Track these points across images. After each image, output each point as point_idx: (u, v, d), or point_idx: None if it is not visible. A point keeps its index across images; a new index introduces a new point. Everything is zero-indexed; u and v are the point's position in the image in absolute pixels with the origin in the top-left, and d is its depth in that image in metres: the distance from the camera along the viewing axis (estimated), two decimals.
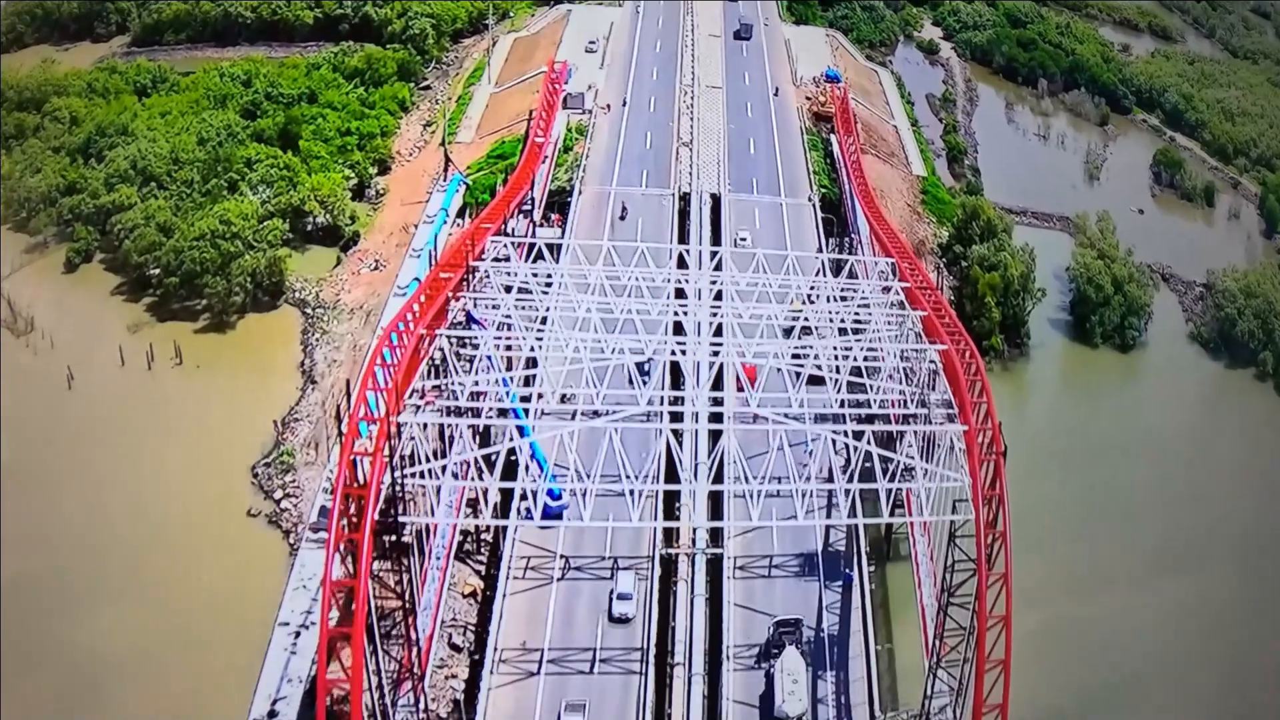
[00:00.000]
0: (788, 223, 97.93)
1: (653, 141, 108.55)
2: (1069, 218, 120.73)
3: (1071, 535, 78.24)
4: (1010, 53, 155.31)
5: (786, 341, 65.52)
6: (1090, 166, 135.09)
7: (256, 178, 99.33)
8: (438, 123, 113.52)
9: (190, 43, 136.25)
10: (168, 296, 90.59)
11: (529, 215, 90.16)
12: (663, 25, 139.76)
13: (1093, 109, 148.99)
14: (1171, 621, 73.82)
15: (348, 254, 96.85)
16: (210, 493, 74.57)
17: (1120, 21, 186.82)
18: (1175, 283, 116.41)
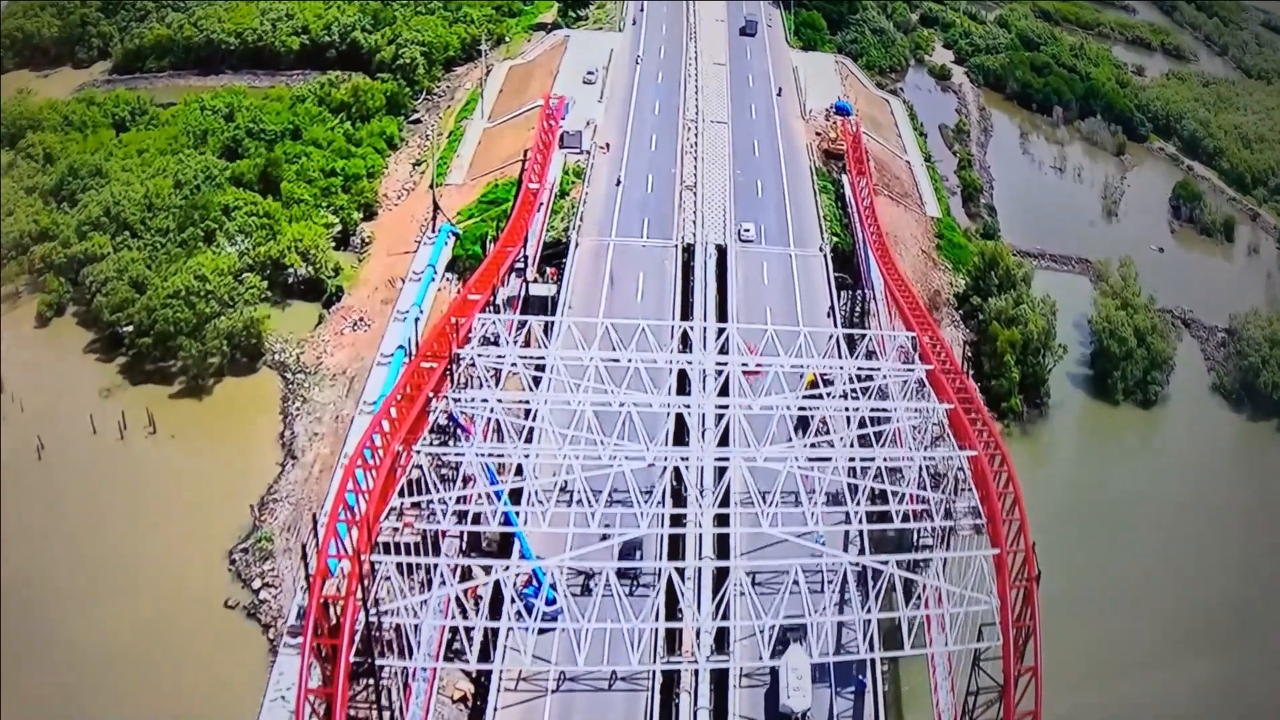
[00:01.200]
0: (798, 277, 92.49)
1: (654, 185, 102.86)
2: (1088, 260, 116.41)
3: (1094, 610, 73.86)
4: (1024, 78, 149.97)
5: (800, 442, 60.67)
6: (1108, 202, 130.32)
7: (234, 227, 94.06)
8: (427, 162, 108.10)
9: (173, 69, 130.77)
10: (141, 357, 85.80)
11: (522, 274, 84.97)
12: (665, 53, 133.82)
13: (1109, 137, 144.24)
14: (1201, 708, 69.52)
15: (330, 311, 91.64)
16: (186, 581, 70.30)
17: (1133, 40, 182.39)
18: (1197, 328, 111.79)
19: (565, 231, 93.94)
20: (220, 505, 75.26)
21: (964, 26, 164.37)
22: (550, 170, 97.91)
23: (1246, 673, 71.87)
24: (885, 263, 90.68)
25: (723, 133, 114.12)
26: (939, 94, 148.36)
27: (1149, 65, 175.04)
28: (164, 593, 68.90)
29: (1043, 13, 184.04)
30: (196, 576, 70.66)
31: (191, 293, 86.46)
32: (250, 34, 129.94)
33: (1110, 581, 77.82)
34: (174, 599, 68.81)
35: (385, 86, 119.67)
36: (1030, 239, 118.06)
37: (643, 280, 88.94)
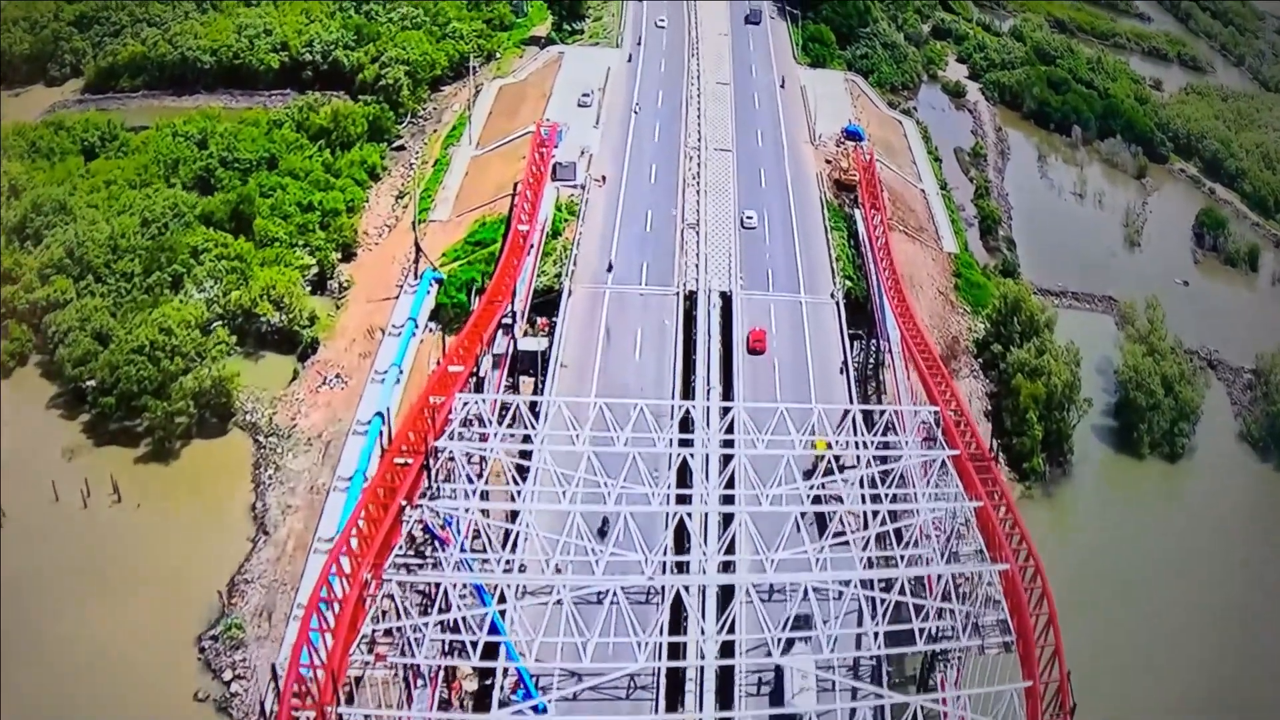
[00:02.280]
0: (808, 327, 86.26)
1: (654, 223, 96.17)
2: (1112, 298, 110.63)
3: (1120, 685, 68.27)
4: (1041, 96, 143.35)
5: (813, 549, 54.65)
6: (1130, 230, 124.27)
7: (203, 272, 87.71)
8: (410, 195, 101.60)
9: (147, 89, 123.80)
10: (105, 416, 79.92)
11: (509, 331, 78.78)
12: (665, 71, 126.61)
13: (1129, 159, 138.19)
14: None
15: (305, 365, 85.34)
16: (152, 670, 65.04)
17: (1149, 52, 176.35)
18: (1223, 370, 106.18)
19: (557, 278, 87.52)
20: (189, 585, 69.99)
21: (978, 39, 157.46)
22: (541, 208, 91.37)
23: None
24: (902, 313, 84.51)
25: (727, 161, 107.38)
26: (953, 113, 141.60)
27: (1166, 78, 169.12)
28: (129, 683, 63.94)
29: (1057, 22, 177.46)
30: (163, 665, 65.73)
31: (156, 347, 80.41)
32: (226, 52, 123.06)
33: (1138, 653, 72.89)
34: (139, 689, 63.81)
35: (367, 110, 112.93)
36: (1051, 275, 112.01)
37: (641, 335, 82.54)
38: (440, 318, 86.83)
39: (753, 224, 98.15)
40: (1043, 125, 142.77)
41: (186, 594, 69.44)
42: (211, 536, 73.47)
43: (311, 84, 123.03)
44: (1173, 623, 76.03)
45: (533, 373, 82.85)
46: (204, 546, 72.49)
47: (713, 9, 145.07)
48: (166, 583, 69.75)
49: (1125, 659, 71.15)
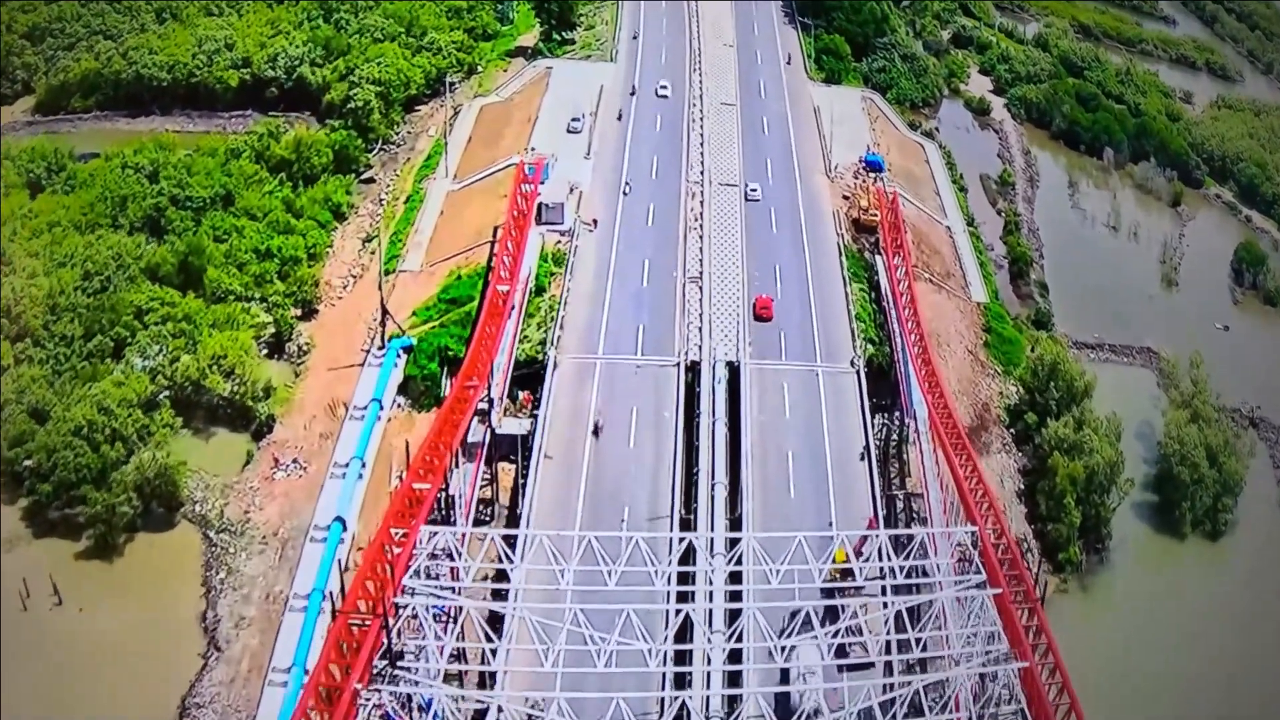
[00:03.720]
0: (826, 403, 76.09)
1: (652, 276, 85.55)
2: (1150, 348, 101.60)
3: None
4: (1071, 115, 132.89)
5: None
6: (1167, 268, 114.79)
7: (147, 338, 77.58)
8: (378, 239, 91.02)
9: (100, 109, 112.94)
10: (43, 504, 70.69)
11: (486, 418, 68.66)
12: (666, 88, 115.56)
13: (1164, 184, 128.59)
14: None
15: (260, 445, 75.42)
16: None
17: (1177, 59, 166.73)
18: (1265, 428, 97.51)
19: (541, 346, 77.37)
20: (135, 707, 61.25)
21: (1001, 49, 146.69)
22: (524, 261, 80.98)
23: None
24: (930, 386, 74.85)
25: (734, 199, 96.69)
26: (978, 132, 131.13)
27: (1196, 88, 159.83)
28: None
29: (1082, 27, 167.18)
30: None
31: (95, 429, 71.01)
32: (182, 69, 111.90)
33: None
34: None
35: (334, 138, 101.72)
36: (1086, 323, 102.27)
37: (636, 418, 72.26)
38: (410, 391, 76.76)
39: (756, 196, 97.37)
40: (1072, 146, 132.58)
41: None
42: (159, 650, 64.66)
43: (275, 103, 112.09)
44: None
45: (514, 458, 72.98)
46: (151, 663, 63.82)
47: (717, 18, 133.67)
48: (110, 702, 60.93)
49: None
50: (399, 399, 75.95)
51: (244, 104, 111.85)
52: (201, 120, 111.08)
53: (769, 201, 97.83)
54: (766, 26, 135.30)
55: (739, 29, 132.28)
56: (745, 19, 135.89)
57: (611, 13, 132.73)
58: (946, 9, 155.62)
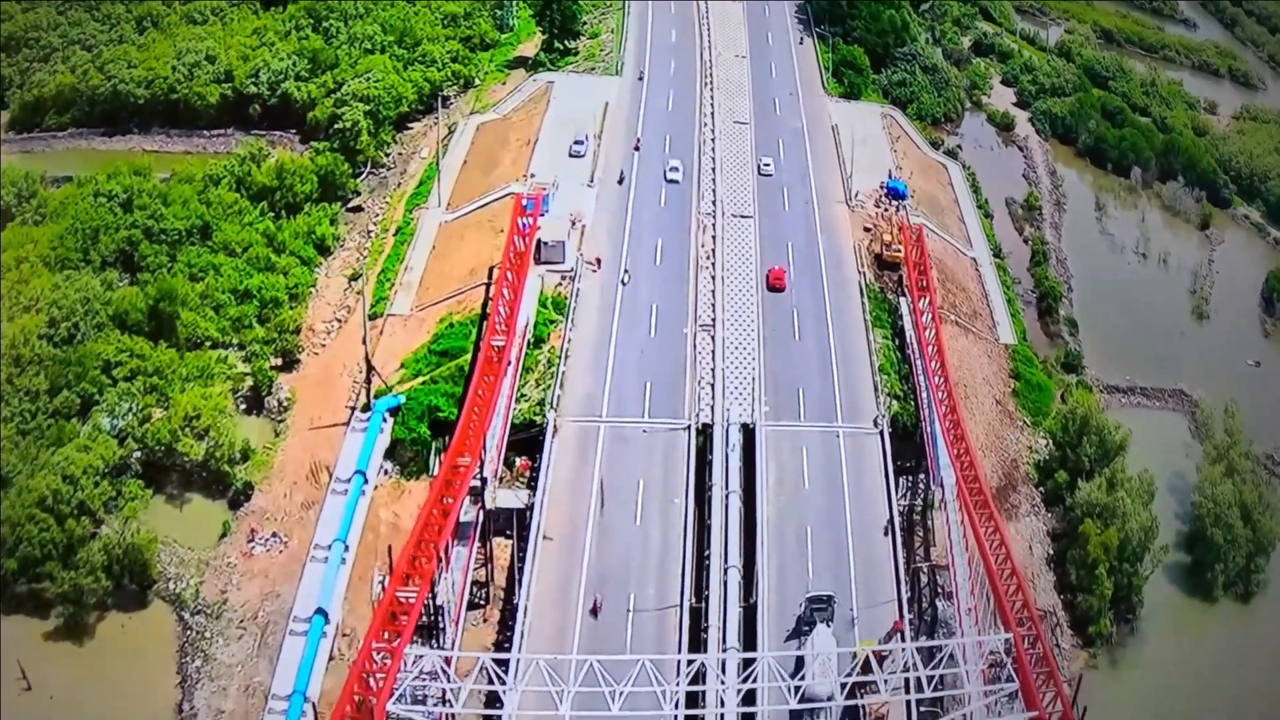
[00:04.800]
0: (847, 469, 70.35)
1: (659, 324, 79.47)
2: (1182, 391, 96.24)
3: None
4: (1098, 131, 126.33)
5: None
6: (1197, 298, 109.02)
7: (115, 396, 71.82)
8: (365, 276, 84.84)
9: (76, 126, 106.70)
10: (9, 580, 65.47)
11: (480, 495, 62.89)
12: (673, 106, 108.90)
13: (1192, 205, 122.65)
14: None
15: (238, 515, 69.84)
16: None
17: (1199, 66, 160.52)
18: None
19: (540, 407, 71.46)
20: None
21: (1024, 58, 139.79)
22: (522, 309, 74.83)
23: None
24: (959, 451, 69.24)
25: (748, 231, 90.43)
26: (1001, 150, 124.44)
27: (1219, 96, 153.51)
28: None
29: (1104, 32, 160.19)
30: None
31: (60, 499, 65.59)
32: (161, 84, 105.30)
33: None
34: None
35: (319, 163, 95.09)
36: (1117, 363, 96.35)
37: (643, 491, 66.43)
38: (398, 456, 71.00)
39: (769, 171, 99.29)
40: (1099, 164, 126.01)
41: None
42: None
43: (258, 122, 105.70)
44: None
45: (510, 533, 67.33)
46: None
47: (729, 26, 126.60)
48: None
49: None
50: (386, 465, 70.14)
51: (226, 121, 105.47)
52: (181, 140, 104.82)
53: (785, 235, 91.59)
54: (781, 35, 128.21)
55: (752, 38, 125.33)
56: (759, 26, 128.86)
57: (617, 20, 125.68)
58: (966, 14, 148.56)
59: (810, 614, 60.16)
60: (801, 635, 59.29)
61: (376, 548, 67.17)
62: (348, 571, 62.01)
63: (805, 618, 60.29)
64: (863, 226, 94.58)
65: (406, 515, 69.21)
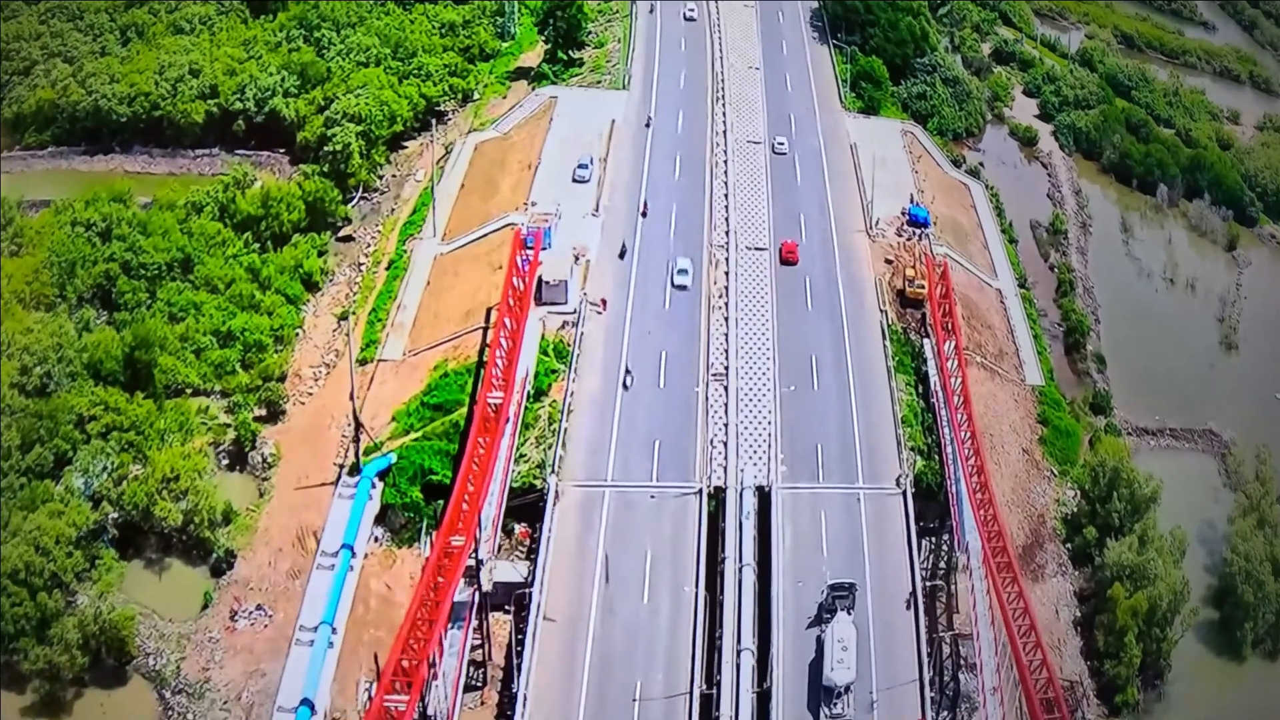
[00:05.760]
0: (868, 535, 65.79)
1: (670, 372, 74.31)
2: (1212, 431, 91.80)
3: None
4: (1123, 147, 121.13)
5: None
6: (1225, 326, 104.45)
7: (89, 454, 67.30)
8: (356, 315, 79.97)
9: (56, 144, 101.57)
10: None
11: (475, 576, 58.46)
12: (684, 124, 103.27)
13: (1219, 224, 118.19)
14: None
15: (220, 583, 65.38)
16: None
17: (1220, 72, 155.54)
18: None
19: (540, 470, 66.78)
20: None
21: (1046, 67, 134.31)
22: (522, 358, 70.00)
23: None
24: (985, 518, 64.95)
25: (763, 265, 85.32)
26: (1025, 167, 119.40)
27: (1240, 102, 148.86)
28: None
29: (1125, 37, 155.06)
30: None
31: (32, 572, 61.43)
32: (144, 102, 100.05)
33: None
34: None
35: (307, 189, 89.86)
36: (1146, 401, 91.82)
37: (650, 563, 61.93)
38: (388, 522, 66.45)
39: (783, 150, 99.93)
40: (1124, 181, 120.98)
41: None
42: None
43: (245, 140, 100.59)
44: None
45: (508, 608, 62.99)
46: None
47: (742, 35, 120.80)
48: None
49: None
50: (376, 532, 65.65)
51: (212, 140, 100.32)
52: (164, 160, 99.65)
53: (804, 269, 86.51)
54: (796, 44, 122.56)
55: (766, 47, 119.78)
56: (772, 34, 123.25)
57: (624, 28, 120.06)
58: (986, 20, 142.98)
59: (832, 601, 60.66)
60: (823, 623, 59.79)
61: (367, 621, 63.25)
62: (335, 656, 57.70)
63: (827, 605, 60.78)
64: (884, 258, 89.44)
65: (399, 586, 65.07)
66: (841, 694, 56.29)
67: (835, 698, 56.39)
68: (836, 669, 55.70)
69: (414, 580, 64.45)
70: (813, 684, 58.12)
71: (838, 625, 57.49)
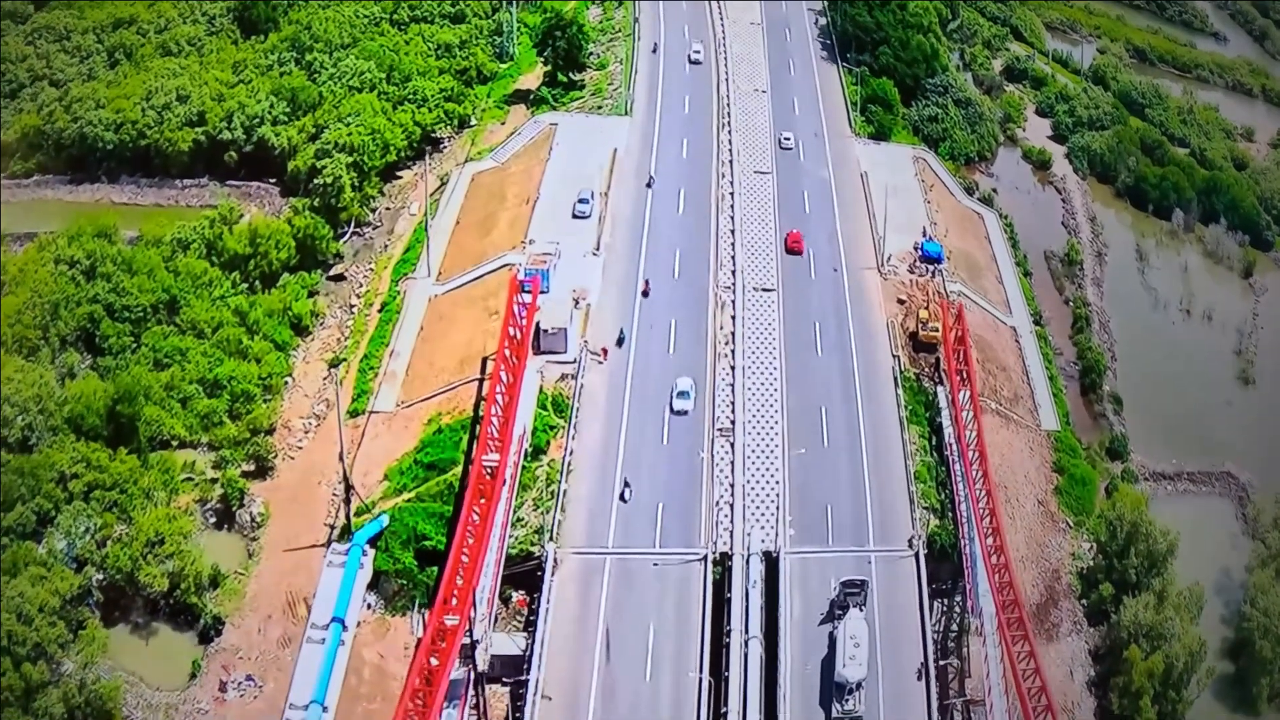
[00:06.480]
0: (879, 604, 62.97)
1: (674, 427, 71.32)
2: (1230, 473, 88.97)
3: None
4: (1139, 170, 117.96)
5: None
6: (1243, 360, 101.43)
7: (71, 515, 64.57)
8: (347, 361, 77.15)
9: (42, 172, 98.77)
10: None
11: (470, 655, 55.90)
12: (689, 153, 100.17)
13: (1235, 250, 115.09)
14: None
15: (209, 650, 62.85)
16: None
17: (1233, 86, 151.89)
18: None
19: (538, 535, 63.99)
20: None
21: (1059, 85, 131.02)
22: (519, 414, 67.16)
23: None
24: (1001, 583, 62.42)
25: (770, 308, 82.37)
26: (1039, 192, 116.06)
27: (1254, 118, 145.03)
28: None
29: (1137, 51, 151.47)
30: None
31: (15, 642, 58.98)
32: (131, 130, 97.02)
33: None
34: None
35: (297, 225, 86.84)
36: (1162, 443, 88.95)
37: (654, 636, 59.32)
38: (381, 589, 63.76)
39: (789, 145, 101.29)
40: (1139, 205, 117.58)
41: None
42: None
43: (234, 171, 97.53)
44: None
45: (506, 680, 60.45)
46: None
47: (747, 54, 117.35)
48: None
49: None
50: (369, 599, 63.00)
51: (200, 170, 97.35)
52: (152, 190, 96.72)
53: (812, 310, 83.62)
54: (804, 64, 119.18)
55: (773, 68, 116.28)
56: (779, 54, 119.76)
57: (626, 49, 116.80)
58: (997, 35, 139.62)
59: (844, 598, 60.71)
60: (835, 619, 60.00)
61: (360, 694, 60.66)
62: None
63: (839, 601, 60.90)
64: (896, 298, 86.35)
65: (392, 656, 62.51)
66: (853, 690, 56.95)
67: (847, 694, 57.07)
68: (849, 665, 56.31)
69: (408, 650, 62.23)
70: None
71: (850, 622, 58.07)
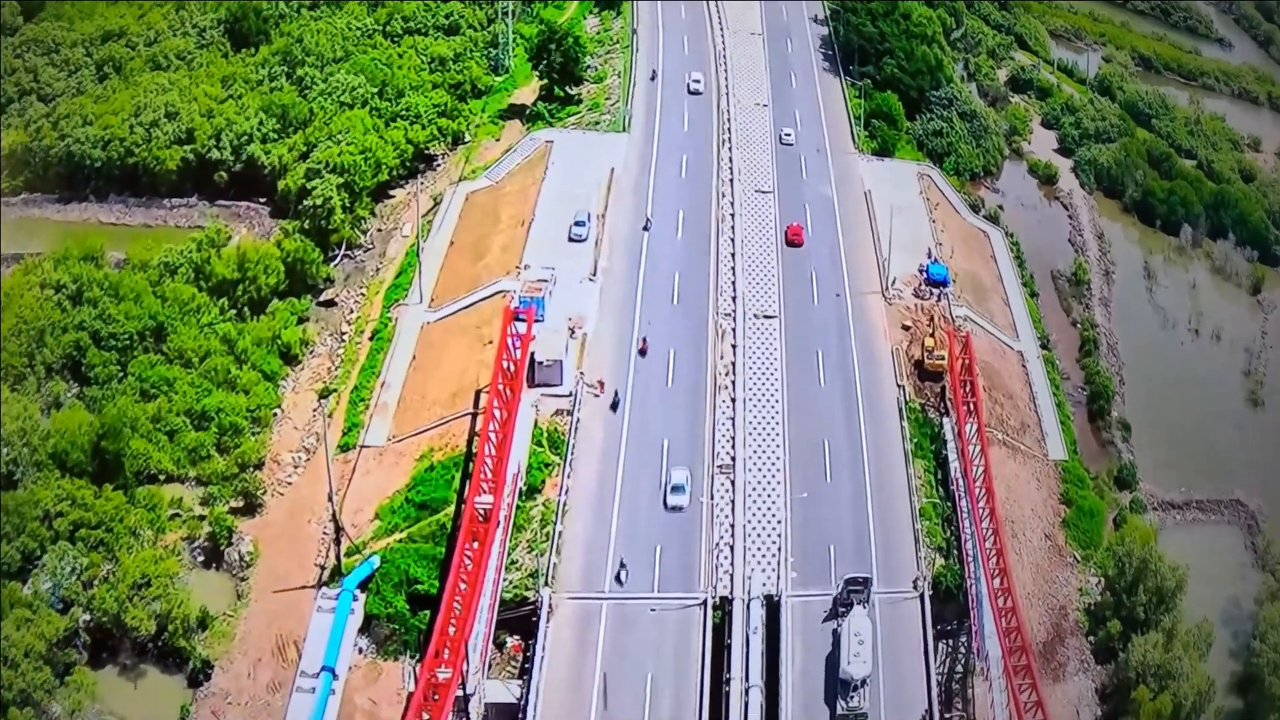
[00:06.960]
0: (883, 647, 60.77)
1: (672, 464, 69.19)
2: (1239, 501, 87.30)
3: None
4: (1146, 184, 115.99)
5: None
6: (1252, 381, 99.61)
7: (56, 555, 62.80)
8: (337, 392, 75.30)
9: (29, 191, 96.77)
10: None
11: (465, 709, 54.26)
12: (688, 171, 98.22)
13: (1243, 266, 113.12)
14: None
15: (198, 695, 61.11)
16: None
17: (1238, 94, 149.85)
18: None
19: (532, 579, 62.14)
20: None
21: (1065, 97, 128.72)
22: (513, 452, 65.18)
23: None
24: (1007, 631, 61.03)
25: (772, 335, 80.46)
26: (1045, 207, 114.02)
27: (1260, 127, 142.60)
28: None
29: (1142, 59, 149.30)
30: None
31: (1, 687, 57.26)
32: (118, 147, 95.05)
33: None
34: None
35: (286, 248, 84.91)
36: (1171, 470, 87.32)
37: (651, 686, 57.62)
38: (373, 633, 61.99)
39: (790, 141, 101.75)
40: (1146, 220, 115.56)
41: None
42: None
43: (224, 190, 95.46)
44: None
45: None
46: None
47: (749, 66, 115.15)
48: None
49: None
50: (361, 643, 61.32)
51: (189, 189, 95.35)
52: (140, 210, 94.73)
53: (814, 339, 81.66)
54: (806, 76, 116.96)
55: (774, 80, 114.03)
56: (781, 65, 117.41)
57: (624, 60, 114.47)
58: (1001, 44, 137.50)
59: (847, 595, 60.84)
60: (839, 617, 60.21)
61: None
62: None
63: (842, 599, 61.10)
64: (901, 324, 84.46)
65: (384, 701, 60.83)
66: (858, 687, 57.00)
67: (852, 691, 57.10)
68: (853, 662, 56.43)
69: (400, 695, 60.71)
70: None
71: (854, 619, 58.19)
